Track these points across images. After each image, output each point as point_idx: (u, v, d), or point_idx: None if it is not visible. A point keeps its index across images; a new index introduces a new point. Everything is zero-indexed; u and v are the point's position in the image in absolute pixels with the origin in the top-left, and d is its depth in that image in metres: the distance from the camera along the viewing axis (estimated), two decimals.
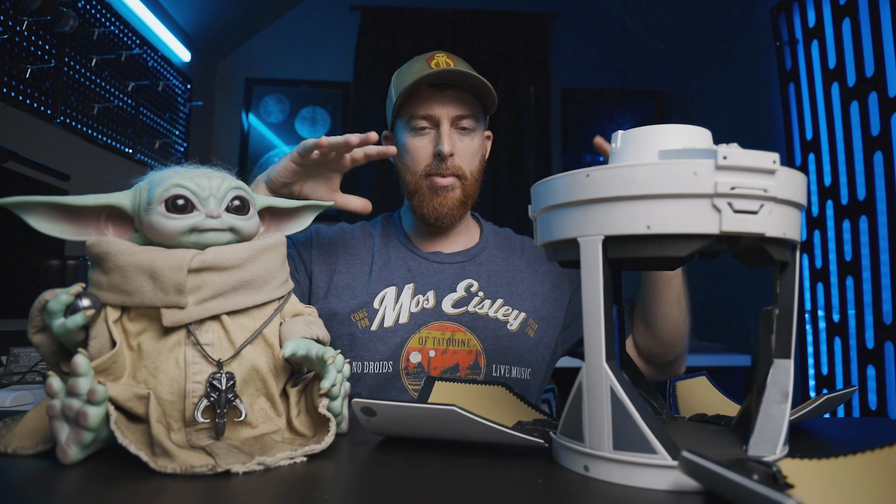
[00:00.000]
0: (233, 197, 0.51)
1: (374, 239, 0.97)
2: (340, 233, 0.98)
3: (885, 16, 1.62)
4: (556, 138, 3.01)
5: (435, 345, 0.88)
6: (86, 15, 1.89)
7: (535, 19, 3.02)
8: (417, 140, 0.90)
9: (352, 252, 0.95)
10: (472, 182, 0.92)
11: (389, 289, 0.90)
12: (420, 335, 0.88)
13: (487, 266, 0.95)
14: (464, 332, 0.89)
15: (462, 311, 0.90)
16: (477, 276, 0.94)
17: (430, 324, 0.89)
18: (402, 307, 0.89)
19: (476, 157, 0.92)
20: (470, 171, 0.91)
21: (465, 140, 0.90)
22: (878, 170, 1.65)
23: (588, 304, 0.42)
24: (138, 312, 0.48)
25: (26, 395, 0.99)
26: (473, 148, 0.91)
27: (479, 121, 0.92)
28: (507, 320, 0.91)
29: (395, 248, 0.96)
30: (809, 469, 0.35)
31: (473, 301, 0.91)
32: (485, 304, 0.91)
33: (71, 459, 0.42)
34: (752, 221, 0.39)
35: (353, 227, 1.00)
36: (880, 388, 1.64)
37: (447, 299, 0.90)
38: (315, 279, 0.92)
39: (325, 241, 0.96)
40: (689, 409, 0.60)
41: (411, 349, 0.87)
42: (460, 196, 0.91)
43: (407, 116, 0.90)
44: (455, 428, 0.47)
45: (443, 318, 0.89)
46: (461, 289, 0.92)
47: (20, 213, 0.47)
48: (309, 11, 3.04)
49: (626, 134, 0.47)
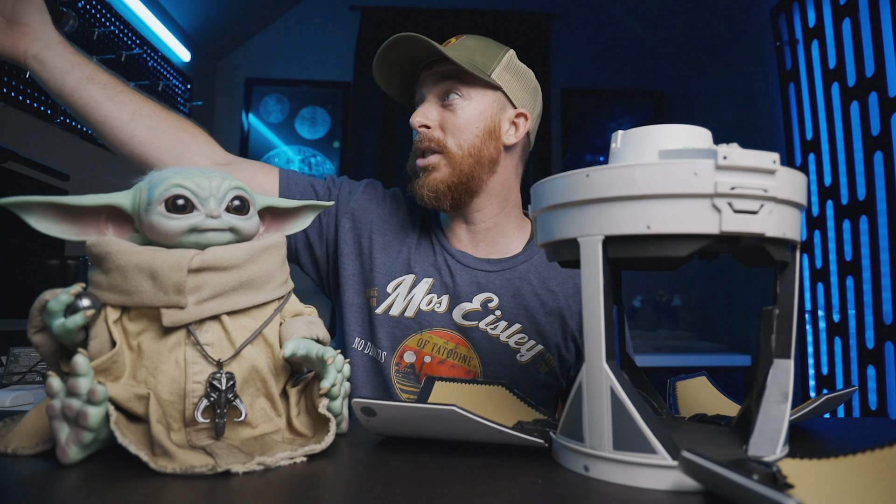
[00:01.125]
0: (233, 197, 0.51)
1: (414, 218, 0.91)
2: (387, 197, 0.92)
3: (885, 16, 1.62)
4: (556, 138, 3.01)
5: (433, 351, 0.83)
6: (86, 15, 1.89)
7: (535, 19, 3.02)
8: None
9: (388, 220, 0.90)
10: (464, 158, 0.80)
11: (407, 277, 0.85)
12: (421, 336, 0.83)
13: (518, 283, 0.85)
14: (467, 349, 0.83)
15: (472, 325, 0.83)
16: (501, 291, 0.85)
17: (434, 328, 0.83)
18: (412, 300, 0.84)
19: (466, 131, 0.81)
20: (457, 145, 0.80)
21: (448, 112, 0.82)
22: (878, 170, 1.65)
23: (588, 304, 0.42)
24: (138, 312, 0.48)
25: (26, 395, 0.99)
26: (459, 119, 0.81)
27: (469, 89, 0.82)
28: (518, 349, 0.83)
29: (428, 235, 0.89)
30: (809, 469, 0.35)
31: (488, 319, 0.83)
32: (500, 325, 0.83)
33: (71, 459, 0.42)
34: (752, 221, 0.39)
35: (404, 198, 0.94)
36: (880, 388, 1.64)
37: (459, 308, 0.84)
38: (341, 227, 0.88)
39: (370, 195, 0.91)
40: (689, 409, 0.60)
41: (408, 347, 0.83)
42: (447, 176, 0.80)
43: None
44: (455, 428, 0.47)
45: (450, 326, 0.84)
46: (477, 301, 0.84)
47: (20, 213, 0.47)
48: (309, 11, 3.04)
49: (626, 134, 0.47)
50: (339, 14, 3.01)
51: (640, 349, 2.38)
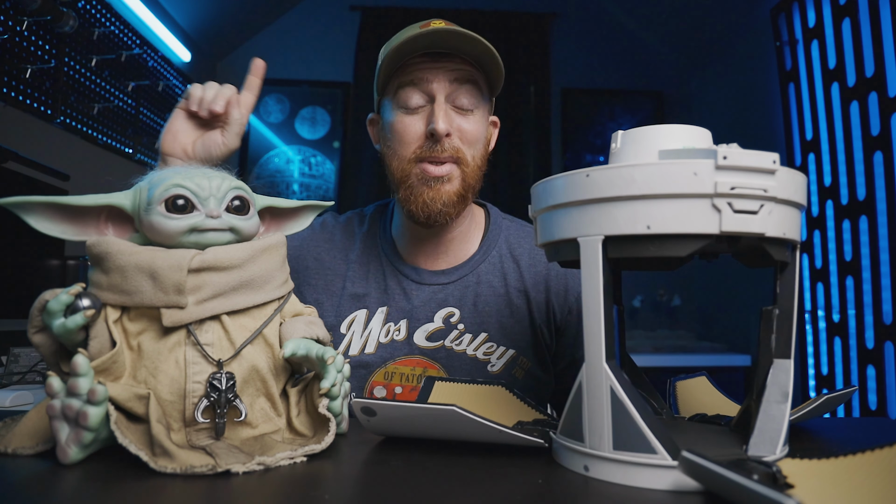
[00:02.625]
0: (233, 197, 0.51)
1: (356, 243, 0.85)
2: (320, 230, 0.86)
3: (885, 16, 1.62)
4: (556, 138, 3.01)
5: (402, 381, 0.79)
6: (86, 15, 1.89)
7: (535, 19, 3.02)
8: (407, 118, 0.75)
9: (325, 260, 0.84)
10: (474, 171, 0.77)
11: (360, 312, 0.81)
12: (386, 370, 0.79)
13: (477, 289, 0.81)
14: (437, 371, 0.78)
15: (437, 346, 0.79)
16: (461, 302, 0.80)
17: (398, 358, 0.79)
18: (370, 335, 0.79)
19: (479, 143, 0.77)
20: (472, 157, 0.76)
21: (466, 120, 0.75)
22: (878, 170, 1.65)
23: (588, 304, 0.42)
24: (138, 312, 0.48)
25: (26, 395, 0.99)
26: (476, 130, 0.76)
27: (482, 98, 0.77)
28: (487, 359, 0.79)
29: (375, 257, 0.84)
30: (809, 469, 0.35)
31: (452, 335, 0.79)
32: (464, 339, 0.79)
33: (71, 459, 0.42)
34: (752, 221, 0.39)
35: (336, 224, 0.88)
36: (880, 388, 1.64)
37: (420, 331, 0.79)
38: None
39: (296, 240, 0.84)
40: (689, 409, 0.60)
41: (376, 383, 0.79)
42: (459, 188, 0.75)
43: (394, 90, 0.76)
44: (455, 428, 0.47)
45: (414, 352, 0.79)
46: (439, 319, 0.80)
47: (20, 213, 0.47)
48: (309, 11, 3.04)
49: (626, 134, 0.47)
50: (339, 14, 3.01)
51: (640, 349, 2.38)
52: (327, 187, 2.96)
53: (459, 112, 0.76)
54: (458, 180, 0.75)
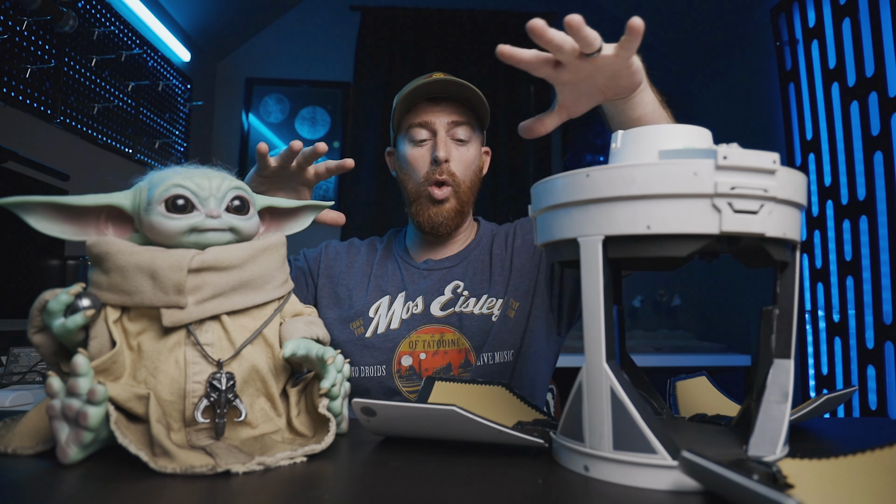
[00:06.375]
0: (233, 197, 0.51)
1: (377, 253, 1.06)
2: (348, 247, 1.08)
3: (885, 16, 1.62)
4: (556, 138, 3.00)
5: (425, 347, 0.94)
6: (86, 15, 1.89)
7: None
8: (416, 150, 0.96)
9: (354, 265, 1.04)
10: (466, 191, 0.97)
11: (384, 298, 0.98)
12: (410, 339, 0.94)
13: (473, 266, 1.00)
14: (453, 333, 0.94)
15: (450, 313, 0.96)
16: (463, 277, 0.99)
17: (419, 328, 0.95)
18: (393, 314, 0.97)
19: (471, 168, 0.98)
20: (464, 180, 0.96)
21: (460, 150, 0.96)
22: (878, 170, 1.65)
23: (588, 304, 0.42)
24: (138, 312, 0.48)
25: (26, 395, 0.99)
26: (468, 157, 0.97)
27: (474, 131, 0.98)
28: (491, 312, 0.95)
29: (392, 260, 1.04)
30: (809, 469, 0.35)
31: (459, 301, 0.96)
32: (470, 302, 0.96)
33: (71, 459, 0.42)
34: (752, 221, 0.39)
35: (363, 243, 1.10)
36: (880, 388, 1.64)
37: (435, 303, 0.96)
38: (320, 289, 1.02)
39: (332, 253, 1.05)
40: (689, 409, 0.60)
41: (402, 353, 0.94)
42: (455, 206, 0.96)
43: (406, 129, 0.98)
44: (455, 428, 0.47)
45: (431, 321, 0.95)
46: (448, 291, 0.97)
47: (20, 213, 0.47)
48: (309, 11, 3.04)
49: (626, 134, 0.47)
50: (339, 14, 3.01)
51: (640, 349, 2.38)
52: (327, 187, 2.96)
53: (456, 144, 0.96)
54: (454, 200, 0.96)
